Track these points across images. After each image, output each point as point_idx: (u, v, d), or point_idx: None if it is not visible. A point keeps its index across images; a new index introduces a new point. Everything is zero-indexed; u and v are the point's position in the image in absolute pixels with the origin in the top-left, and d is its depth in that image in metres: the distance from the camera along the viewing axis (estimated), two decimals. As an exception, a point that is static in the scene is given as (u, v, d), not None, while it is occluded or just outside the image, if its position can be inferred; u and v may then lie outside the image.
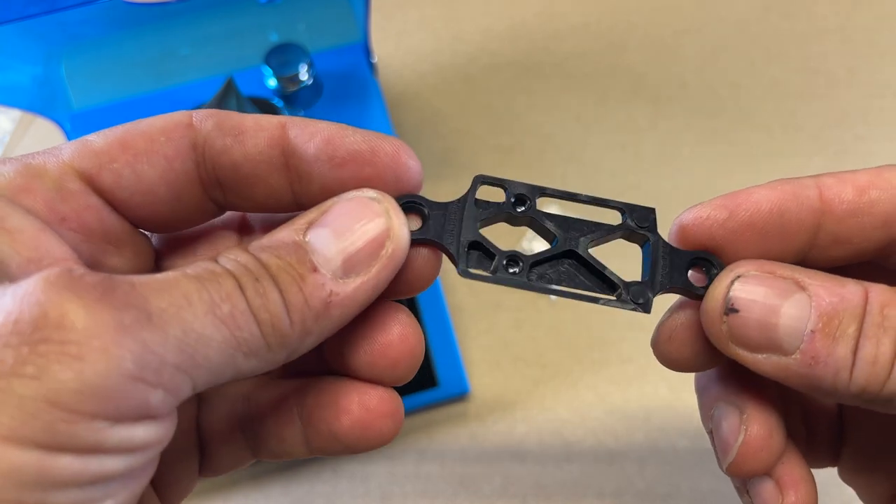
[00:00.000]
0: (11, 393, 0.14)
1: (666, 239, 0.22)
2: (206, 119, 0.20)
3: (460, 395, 0.45)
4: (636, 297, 0.21)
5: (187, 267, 0.17)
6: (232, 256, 0.17)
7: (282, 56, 0.46)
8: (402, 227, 0.19)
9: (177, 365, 0.15)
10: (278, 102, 0.44)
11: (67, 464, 0.14)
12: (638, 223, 0.22)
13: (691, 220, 0.21)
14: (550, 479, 0.43)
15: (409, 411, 0.43)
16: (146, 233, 0.21)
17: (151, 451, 0.16)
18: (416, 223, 0.21)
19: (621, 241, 0.23)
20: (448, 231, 0.21)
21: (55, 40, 0.46)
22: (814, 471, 0.23)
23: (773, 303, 0.19)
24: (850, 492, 0.27)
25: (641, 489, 0.42)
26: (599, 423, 0.44)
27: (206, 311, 0.16)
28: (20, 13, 0.37)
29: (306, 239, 0.18)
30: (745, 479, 0.23)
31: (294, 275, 0.17)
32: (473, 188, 0.22)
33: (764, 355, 0.19)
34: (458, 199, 0.21)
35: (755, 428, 0.21)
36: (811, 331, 0.18)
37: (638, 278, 0.22)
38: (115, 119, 0.47)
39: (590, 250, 0.22)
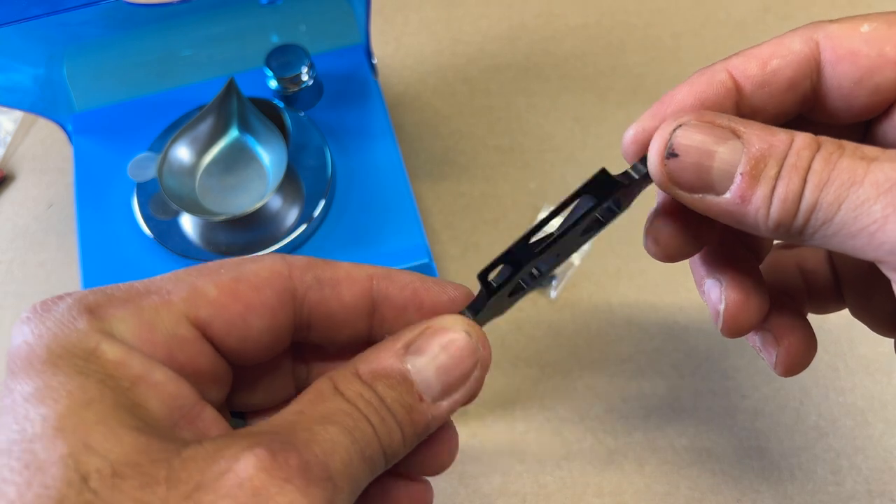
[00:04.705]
0: None
1: (629, 168, 0.23)
2: (305, 271, 0.22)
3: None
4: (637, 170, 0.23)
5: (329, 409, 0.20)
6: (356, 390, 0.20)
7: (283, 57, 0.46)
8: (486, 353, 0.22)
9: None
10: (279, 103, 0.45)
11: None
12: (598, 198, 0.23)
13: (630, 138, 0.23)
14: (550, 478, 0.43)
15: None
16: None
17: None
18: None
19: None
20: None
21: (57, 41, 0.46)
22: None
23: (708, 148, 0.20)
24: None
25: (640, 488, 0.42)
26: (598, 422, 0.44)
27: (360, 459, 0.19)
28: (22, 14, 0.38)
29: (408, 366, 0.21)
30: (753, 333, 0.26)
31: (406, 406, 0.20)
32: (481, 291, 0.23)
33: (699, 195, 0.21)
34: (477, 298, 0.23)
35: (732, 295, 0.24)
36: (741, 173, 0.20)
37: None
38: (117, 120, 0.48)
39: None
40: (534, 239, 0.22)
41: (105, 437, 0.17)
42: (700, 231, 0.24)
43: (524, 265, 0.22)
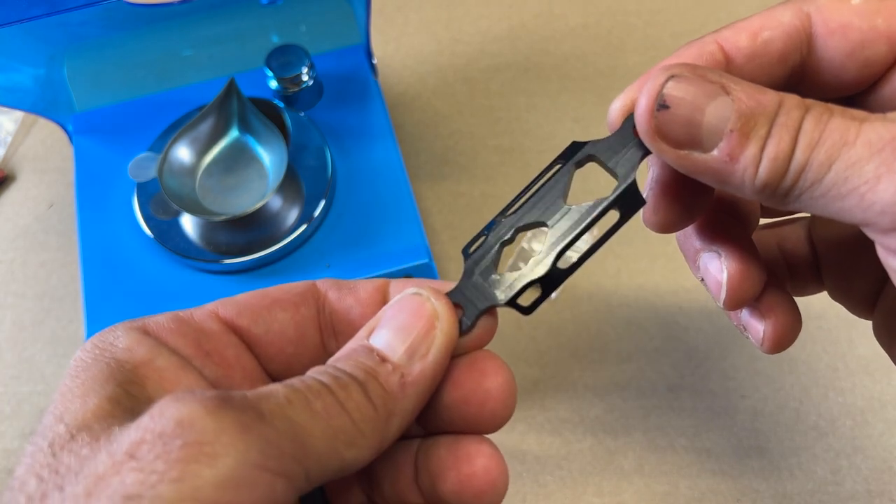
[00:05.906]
0: (161, 499, 0.16)
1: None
2: (326, 281, 0.24)
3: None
4: (623, 186, 0.22)
5: (281, 383, 0.20)
6: (314, 369, 0.20)
7: (283, 57, 0.46)
8: (444, 308, 0.22)
9: (292, 454, 0.17)
10: (279, 103, 0.45)
11: None
12: (573, 161, 0.23)
13: (618, 110, 0.23)
14: (550, 478, 0.43)
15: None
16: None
17: None
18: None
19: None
20: (486, 297, 0.24)
21: (57, 42, 0.46)
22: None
23: (699, 102, 0.20)
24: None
25: (640, 488, 0.42)
26: (598, 422, 0.44)
27: (303, 407, 0.18)
28: (23, 15, 0.38)
29: (370, 341, 0.21)
30: (738, 313, 0.26)
31: (368, 368, 0.20)
32: (466, 265, 0.24)
33: (685, 151, 0.20)
34: (462, 280, 0.23)
35: (734, 264, 0.24)
36: (730, 130, 0.20)
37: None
38: (117, 120, 0.48)
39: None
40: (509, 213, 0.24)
41: (77, 407, 0.18)
42: (695, 200, 0.24)
43: (494, 229, 0.24)
